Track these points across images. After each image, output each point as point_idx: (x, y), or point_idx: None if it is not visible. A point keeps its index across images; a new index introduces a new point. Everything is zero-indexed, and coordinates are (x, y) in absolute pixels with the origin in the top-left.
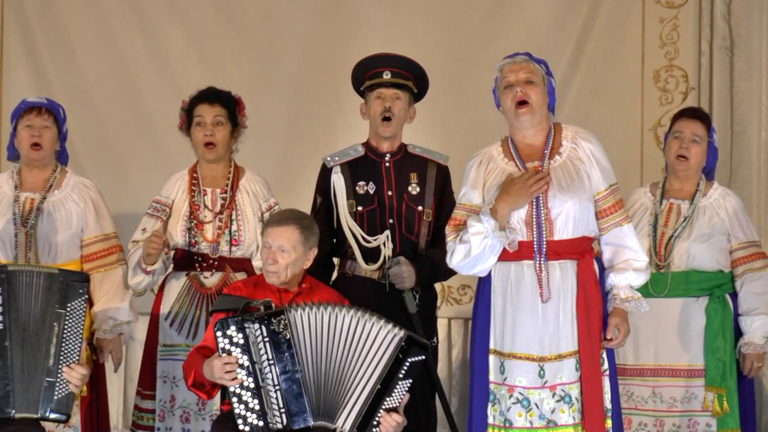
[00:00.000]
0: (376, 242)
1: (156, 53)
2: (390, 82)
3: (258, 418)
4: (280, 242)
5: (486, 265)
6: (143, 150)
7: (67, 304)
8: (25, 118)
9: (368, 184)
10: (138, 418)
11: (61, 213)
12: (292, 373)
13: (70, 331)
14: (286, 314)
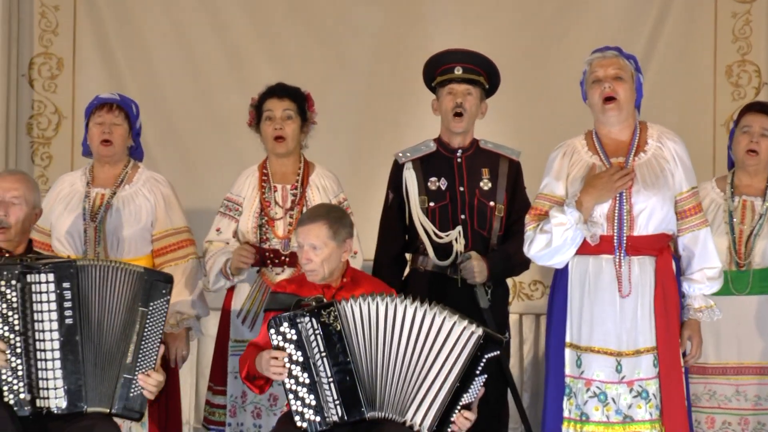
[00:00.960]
0: (448, 238)
1: (227, 49)
2: (461, 78)
3: (315, 413)
4: (311, 240)
5: (564, 256)
6: (215, 146)
7: (150, 303)
8: (97, 114)
9: (440, 180)
10: (209, 413)
11: (130, 208)
12: (344, 365)
13: (151, 330)
14: (336, 306)
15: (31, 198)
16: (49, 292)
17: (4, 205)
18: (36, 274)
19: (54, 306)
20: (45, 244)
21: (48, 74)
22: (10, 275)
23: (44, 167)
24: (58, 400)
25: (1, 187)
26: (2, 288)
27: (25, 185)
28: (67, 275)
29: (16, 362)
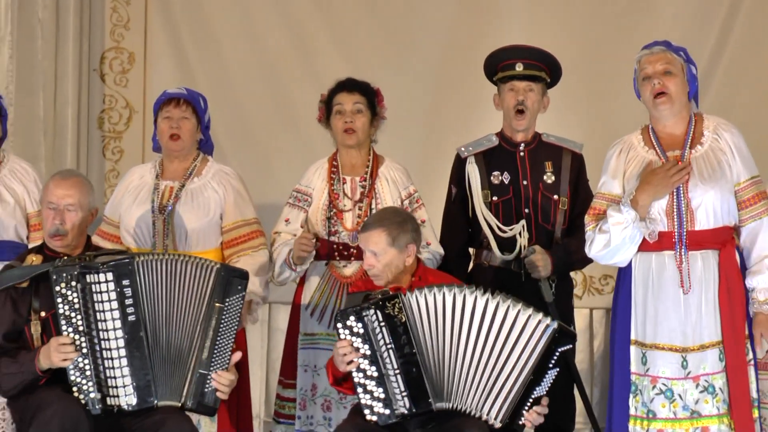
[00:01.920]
0: (511, 232)
1: (297, 43)
2: (523, 75)
3: (384, 406)
4: (371, 247)
5: (625, 255)
6: (285, 140)
7: (226, 299)
8: (165, 109)
9: (503, 174)
10: (280, 407)
11: (198, 201)
12: (410, 356)
13: (226, 326)
14: (400, 298)
15: (86, 201)
16: (109, 291)
17: (60, 213)
18: (95, 274)
19: (115, 304)
20: (114, 236)
21: (119, 69)
22: (69, 277)
23: (115, 161)
24: (128, 397)
25: (56, 195)
26: (63, 290)
27: (79, 190)
28: (125, 273)
29: (83, 362)
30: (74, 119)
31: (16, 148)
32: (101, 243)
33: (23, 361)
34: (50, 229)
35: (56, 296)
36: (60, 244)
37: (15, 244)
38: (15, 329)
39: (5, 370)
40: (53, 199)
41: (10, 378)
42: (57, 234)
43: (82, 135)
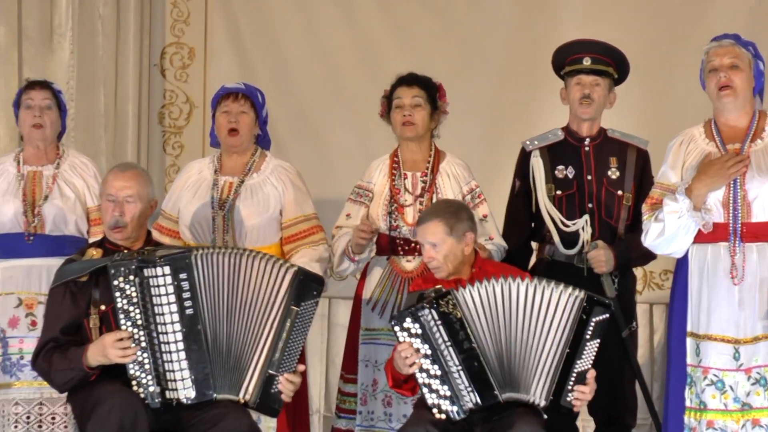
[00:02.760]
0: (574, 227)
1: (358, 38)
2: (590, 69)
3: (451, 403)
4: (428, 238)
5: (680, 245)
6: (346, 135)
7: (302, 303)
8: (223, 104)
9: (567, 168)
10: (341, 401)
11: (258, 196)
12: (469, 351)
13: (299, 330)
14: (453, 294)
15: (145, 193)
16: (166, 285)
17: (119, 204)
18: (152, 268)
19: (173, 298)
20: (172, 230)
21: (179, 64)
22: (127, 271)
23: (176, 156)
24: (186, 391)
25: (114, 187)
26: (121, 284)
27: (137, 181)
28: (182, 266)
29: (142, 356)
30: (135, 114)
31: (76, 143)
32: (159, 238)
33: (72, 357)
34: (110, 221)
35: (114, 290)
36: (120, 236)
37: (75, 239)
38: (73, 323)
39: (56, 366)
40: (112, 191)
41: (61, 374)
42: (116, 226)
43: (143, 130)
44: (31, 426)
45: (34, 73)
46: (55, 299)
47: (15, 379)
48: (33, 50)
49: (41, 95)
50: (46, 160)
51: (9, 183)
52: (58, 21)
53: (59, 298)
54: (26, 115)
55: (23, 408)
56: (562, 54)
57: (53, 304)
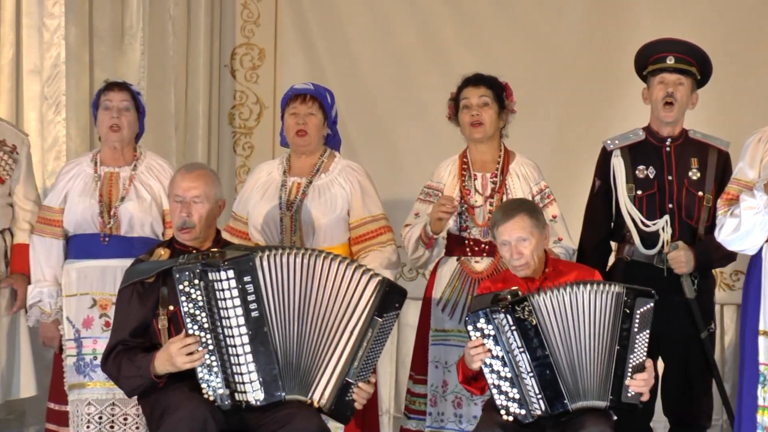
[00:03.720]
0: (655, 227)
1: (428, 38)
2: (673, 68)
3: (519, 406)
4: (517, 234)
5: (755, 241)
6: (416, 136)
7: (384, 314)
8: (291, 105)
9: (648, 169)
10: (410, 402)
11: (326, 197)
12: (543, 359)
13: (379, 340)
14: (529, 300)
15: (212, 193)
16: (230, 288)
17: (187, 205)
18: (216, 272)
19: (238, 301)
20: (242, 232)
21: (250, 65)
22: (192, 275)
23: (246, 157)
24: (255, 393)
25: (181, 188)
26: (186, 288)
27: (204, 181)
28: (246, 269)
29: (210, 359)
30: (205, 115)
31: (147, 143)
32: (229, 239)
33: (140, 364)
34: (178, 222)
35: (180, 295)
36: (188, 237)
37: (151, 241)
38: (142, 324)
39: (125, 372)
40: (179, 191)
41: (129, 381)
42: (184, 227)
43: (213, 131)
44: (103, 426)
45: (105, 74)
46: (123, 300)
47: (88, 380)
48: (104, 51)
49: (120, 96)
50: (123, 162)
51: (86, 184)
52: (129, 22)
53: (127, 299)
54: (104, 117)
55: (96, 408)
56: (645, 53)
57: (121, 305)
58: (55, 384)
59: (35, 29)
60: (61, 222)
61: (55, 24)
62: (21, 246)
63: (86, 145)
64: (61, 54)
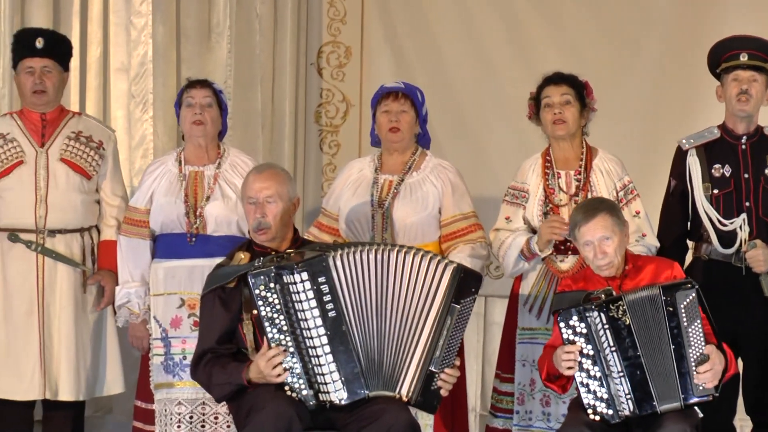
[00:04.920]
0: (732, 225)
1: (515, 38)
2: (746, 65)
3: (607, 406)
4: (600, 233)
5: None
6: (502, 134)
7: (461, 300)
8: (383, 103)
9: (724, 167)
10: (497, 401)
11: (417, 194)
12: (634, 359)
13: (458, 326)
14: (624, 300)
15: (285, 191)
16: (306, 290)
17: (260, 206)
18: (290, 275)
19: (314, 303)
20: (333, 228)
21: (336, 63)
22: (267, 279)
23: (332, 155)
24: (337, 392)
25: (253, 189)
26: (263, 292)
27: (275, 181)
28: (320, 270)
29: (291, 361)
30: (292, 113)
31: (234, 141)
32: (319, 235)
33: (231, 371)
34: (253, 223)
35: (257, 299)
36: (264, 237)
37: (237, 239)
38: (228, 331)
39: (216, 380)
40: (251, 193)
41: (220, 388)
42: (260, 228)
43: (299, 128)
44: (194, 426)
45: (192, 72)
46: (206, 307)
47: (177, 379)
48: (191, 49)
49: (202, 93)
50: (207, 160)
51: (171, 183)
52: (216, 20)
53: (209, 306)
54: (187, 113)
55: (186, 408)
56: (718, 51)
57: (205, 312)
58: (142, 382)
59: (122, 27)
60: (148, 222)
61: (142, 22)
62: (108, 242)
63: (173, 143)
64: (149, 52)
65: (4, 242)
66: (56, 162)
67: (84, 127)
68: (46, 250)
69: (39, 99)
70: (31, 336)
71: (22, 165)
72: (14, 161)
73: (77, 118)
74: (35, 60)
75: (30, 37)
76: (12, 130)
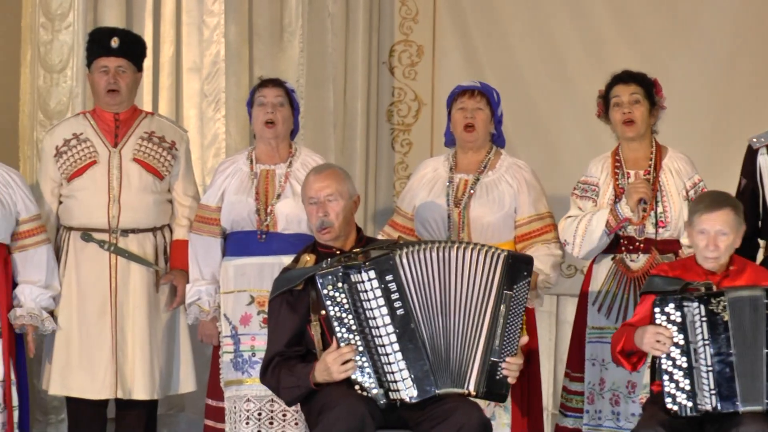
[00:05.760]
0: None
1: (586, 34)
2: None
3: (687, 398)
4: (719, 227)
5: None
6: (574, 132)
7: (514, 286)
8: (459, 101)
9: None
10: (566, 400)
11: (493, 194)
12: (725, 356)
13: (515, 312)
14: (726, 296)
15: (345, 189)
16: (373, 289)
17: (322, 205)
18: (357, 273)
19: (382, 301)
20: (408, 228)
21: (408, 61)
22: (335, 279)
23: (404, 154)
24: (408, 390)
25: (314, 189)
26: (331, 292)
27: (335, 179)
28: (387, 268)
29: (361, 360)
30: (363, 112)
31: (306, 140)
32: (393, 234)
33: (299, 374)
34: (316, 223)
35: (325, 300)
36: (329, 236)
37: (307, 237)
38: (296, 334)
39: (284, 383)
40: (312, 193)
41: (289, 391)
42: (323, 227)
43: (371, 127)
44: (263, 423)
45: (264, 71)
46: (274, 311)
47: (246, 376)
48: (263, 48)
49: (274, 93)
50: (279, 159)
51: (242, 182)
52: (288, 19)
53: (277, 310)
54: (259, 113)
55: (254, 405)
56: None
57: (273, 317)
58: (213, 380)
59: (195, 27)
60: (219, 220)
61: (214, 22)
62: (180, 242)
63: (245, 142)
64: (221, 52)
65: (77, 242)
66: (129, 162)
67: (157, 127)
68: (119, 249)
69: (112, 99)
70: (103, 335)
71: (96, 165)
72: (87, 161)
73: (150, 118)
74: (110, 59)
75: (105, 36)
76: (85, 130)
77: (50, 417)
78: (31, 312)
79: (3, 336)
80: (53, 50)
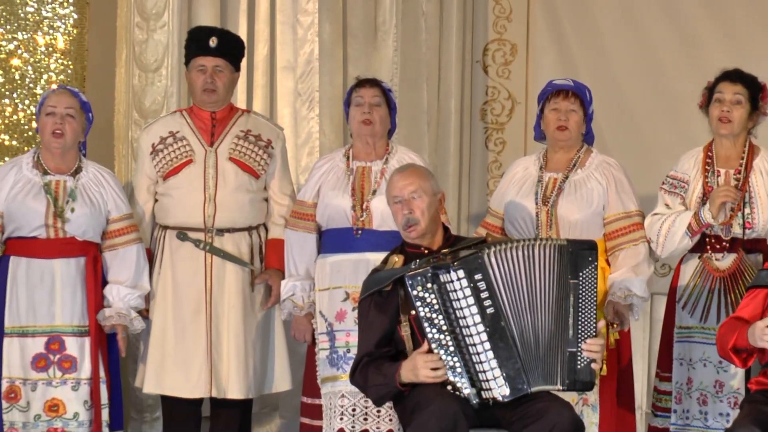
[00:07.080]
0: None
1: (680, 33)
2: None
3: None
4: None
5: None
6: (668, 131)
7: (579, 273)
8: (552, 101)
9: None
10: (656, 399)
11: (582, 192)
12: None
13: (585, 299)
14: None
15: (428, 186)
16: (463, 288)
17: (407, 203)
18: (447, 273)
19: (471, 300)
20: (498, 227)
21: (502, 60)
22: (424, 279)
23: (498, 153)
24: (500, 389)
25: (397, 188)
26: (420, 293)
27: (417, 177)
28: (476, 267)
29: (452, 360)
30: (457, 111)
31: (400, 139)
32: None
33: (387, 373)
34: (402, 221)
35: (415, 300)
36: (415, 234)
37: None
38: (386, 334)
39: (371, 381)
40: (396, 192)
41: (376, 390)
42: (409, 224)
43: (465, 126)
44: (357, 418)
45: (358, 70)
46: (363, 312)
47: (341, 372)
48: (357, 47)
49: (371, 92)
50: (375, 156)
51: (338, 178)
52: (382, 18)
53: (366, 311)
54: (356, 112)
55: (349, 401)
56: None
57: (362, 318)
58: (308, 378)
59: (289, 26)
60: (314, 216)
61: (308, 21)
62: (276, 241)
63: (339, 141)
64: (315, 51)
65: (173, 241)
66: (225, 161)
67: (253, 126)
68: (214, 248)
69: (209, 98)
70: (198, 334)
71: (192, 164)
72: (184, 160)
73: (246, 116)
74: (208, 59)
75: (204, 35)
76: (182, 128)
77: (145, 415)
78: (120, 312)
79: (92, 334)
80: (148, 50)
